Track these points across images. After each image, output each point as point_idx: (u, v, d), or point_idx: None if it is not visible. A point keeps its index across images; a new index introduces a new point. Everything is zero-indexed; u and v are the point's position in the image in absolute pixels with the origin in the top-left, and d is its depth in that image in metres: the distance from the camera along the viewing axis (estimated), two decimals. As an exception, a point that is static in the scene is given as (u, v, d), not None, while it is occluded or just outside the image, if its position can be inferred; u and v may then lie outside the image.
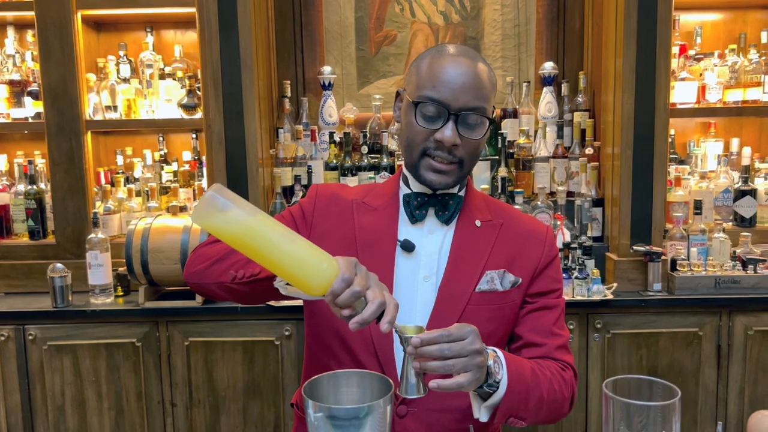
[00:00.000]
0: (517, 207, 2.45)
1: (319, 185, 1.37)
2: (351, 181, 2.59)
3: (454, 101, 1.16)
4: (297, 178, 2.56)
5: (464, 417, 1.22)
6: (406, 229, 1.27)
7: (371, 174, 2.59)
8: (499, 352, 1.10)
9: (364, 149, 2.64)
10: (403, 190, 1.29)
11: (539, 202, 2.47)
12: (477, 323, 1.08)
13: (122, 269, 2.36)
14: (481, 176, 2.58)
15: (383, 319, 0.93)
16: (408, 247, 1.24)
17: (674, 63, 2.47)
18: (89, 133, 2.54)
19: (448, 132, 1.16)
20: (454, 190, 1.28)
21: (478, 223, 1.28)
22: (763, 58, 2.53)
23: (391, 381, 0.87)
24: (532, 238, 1.30)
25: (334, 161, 2.64)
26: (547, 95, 2.71)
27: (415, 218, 1.26)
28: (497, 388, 1.07)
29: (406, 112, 1.23)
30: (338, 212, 1.30)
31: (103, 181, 2.67)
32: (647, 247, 2.33)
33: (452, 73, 1.17)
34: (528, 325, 1.26)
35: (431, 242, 1.26)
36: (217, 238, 1.06)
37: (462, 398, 1.18)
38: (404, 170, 1.31)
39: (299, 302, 1.43)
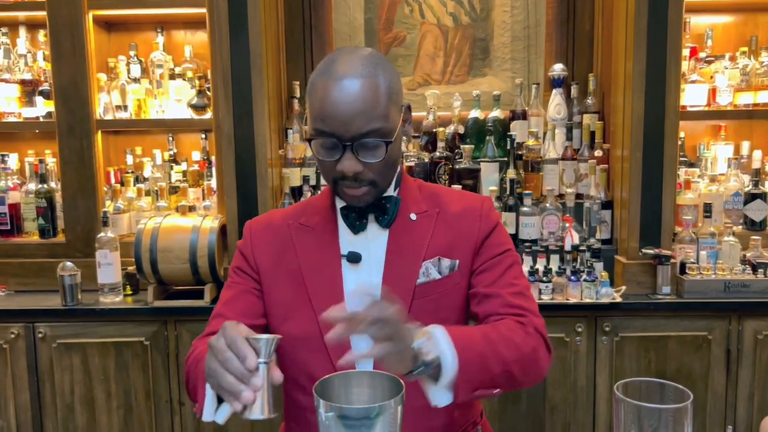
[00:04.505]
0: (525, 208, 2.45)
1: (252, 221, 1.34)
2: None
3: (344, 131, 1.10)
4: (305, 179, 2.56)
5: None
6: (349, 240, 1.24)
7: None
8: (437, 329, 1.02)
9: (373, 150, 2.64)
10: (339, 202, 1.25)
11: (548, 204, 2.46)
12: (424, 316, 1.08)
13: (131, 268, 2.38)
14: (489, 177, 2.58)
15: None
16: (354, 258, 1.21)
17: (684, 65, 2.46)
18: (99, 132, 2.55)
19: (346, 163, 1.12)
20: (390, 192, 1.25)
21: (413, 216, 1.25)
22: (775, 60, 2.52)
23: (402, 381, 0.88)
24: (468, 216, 1.26)
25: (343, 162, 2.64)
26: (556, 97, 2.70)
27: (356, 229, 1.23)
28: (429, 366, 0.99)
29: (309, 141, 1.18)
30: (278, 241, 1.27)
31: (112, 180, 2.69)
32: (656, 250, 2.33)
33: (337, 102, 1.09)
34: (479, 284, 1.22)
35: (377, 247, 1.23)
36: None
37: (438, 412, 1.12)
38: None
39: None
